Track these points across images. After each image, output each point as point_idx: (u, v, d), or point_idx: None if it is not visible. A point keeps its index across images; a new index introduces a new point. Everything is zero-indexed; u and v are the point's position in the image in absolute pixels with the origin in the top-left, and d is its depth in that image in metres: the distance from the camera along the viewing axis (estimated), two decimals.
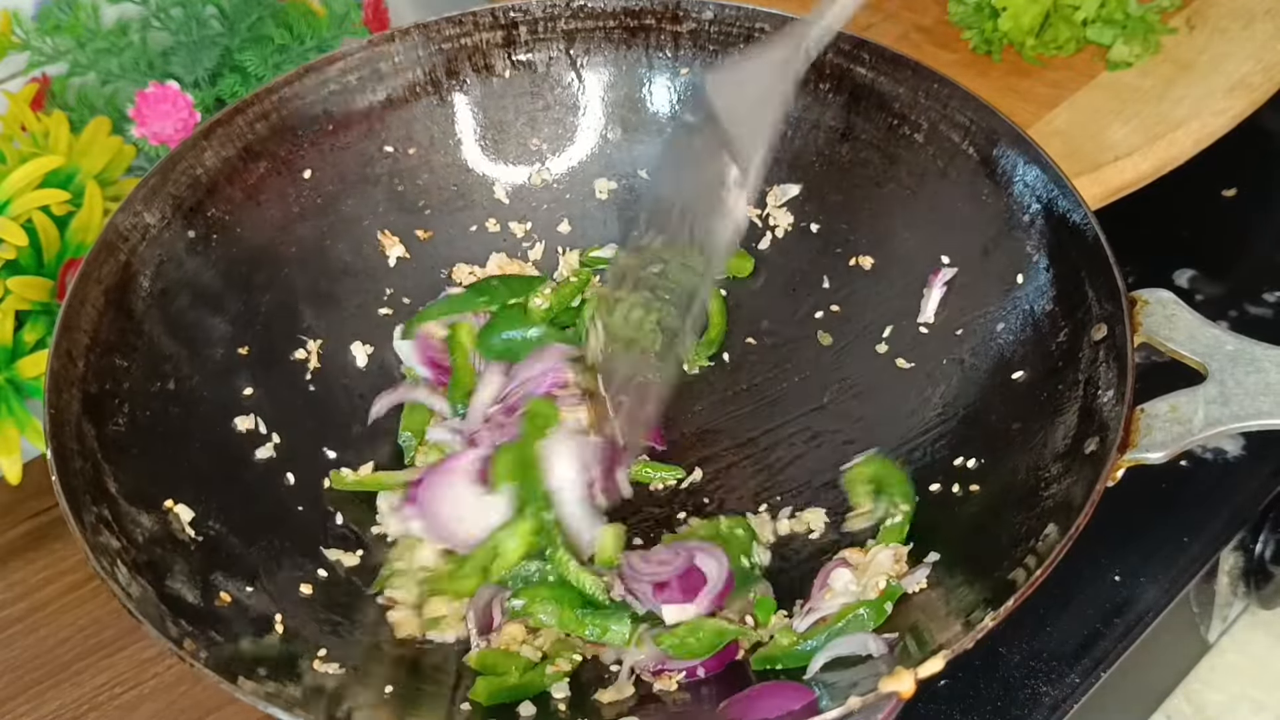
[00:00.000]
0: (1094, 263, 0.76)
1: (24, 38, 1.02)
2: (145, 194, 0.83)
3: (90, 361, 0.76)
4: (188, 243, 0.85)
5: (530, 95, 0.95)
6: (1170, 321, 0.73)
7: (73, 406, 0.74)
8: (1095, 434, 0.71)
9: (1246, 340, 0.71)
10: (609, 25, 0.94)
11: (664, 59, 0.94)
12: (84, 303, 0.78)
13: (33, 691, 0.86)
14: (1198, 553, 0.90)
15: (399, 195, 0.93)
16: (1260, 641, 0.99)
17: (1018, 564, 0.68)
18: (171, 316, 0.82)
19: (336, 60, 0.90)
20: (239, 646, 0.69)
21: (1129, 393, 0.70)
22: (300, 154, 0.90)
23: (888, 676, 0.63)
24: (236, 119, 0.88)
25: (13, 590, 0.92)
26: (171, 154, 0.85)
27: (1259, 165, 1.14)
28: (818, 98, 0.91)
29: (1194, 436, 0.69)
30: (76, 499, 0.70)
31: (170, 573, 0.71)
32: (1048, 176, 0.80)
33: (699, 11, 0.92)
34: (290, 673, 0.69)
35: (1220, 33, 1.06)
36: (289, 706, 0.64)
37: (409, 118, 0.93)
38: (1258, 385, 0.69)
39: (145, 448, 0.76)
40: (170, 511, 0.74)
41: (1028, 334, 0.80)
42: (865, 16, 1.14)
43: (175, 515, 0.74)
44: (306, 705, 0.65)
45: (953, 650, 0.63)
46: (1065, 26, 1.06)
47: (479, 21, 0.93)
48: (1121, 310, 0.73)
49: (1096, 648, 0.85)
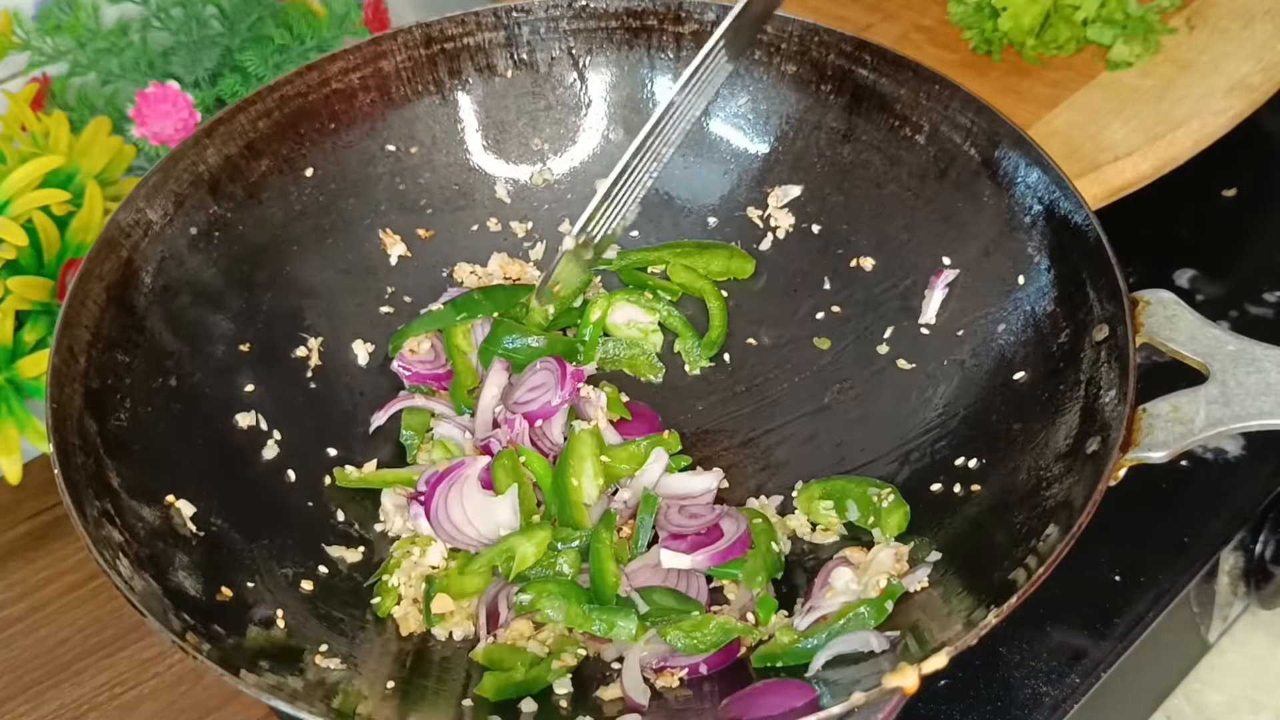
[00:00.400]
0: (1095, 264, 0.76)
1: (24, 38, 1.02)
2: (147, 191, 0.83)
3: (92, 357, 0.77)
4: (190, 240, 0.85)
5: (532, 95, 0.96)
6: (1171, 322, 0.73)
7: (75, 402, 0.74)
8: (1097, 434, 0.71)
9: (1248, 341, 0.71)
10: (611, 26, 0.94)
11: (666, 60, 0.94)
12: (86, 299, 0.78)
13: (33, 691, 0.86)
14: (1198, 553, 0.90)
15: (400, 194, 0.93)
16: (1260, 642, 0.99)
17: (1019, 564, 0.68)
18: (173, 313, 0.82)
19: (339, 59, 0.91)
20: (241, 641, 0.69)
21: (1131, 393, 0.70)
22: (302, 152, 0.90)
23: (891, 673, 0.63)
24: (239, 117, 0.88)
25: (13, 590, 0.92)
26: (174, 151, 0.85)
27: (1259, 165, 1.14)
28: (819, 99, 0.91)
29: (1195, 436, 0.69)
30: (79, 493, 0.70)
31: (172, 567, 0.71)
32: (1049, 178, 0.80)
33: (701, 13, 0.93)
34: (293, 666, 0.69)
35: (1220, 33, 1.06)
36: (291, 699, 0.64)
37: (411, 117, 0.93)
38: (1259, 385, 0.69)
39: (147, 443, 0.76)
40: (172, 506, 0.75)
41: (1029, 335, 0.80)
42: (865, 16, 1.14)
43: (177, 510, 0.75)
44: (309, 699, 0.65)
45: (956, 647, 0.63)
46: (1065, 26, 1.06)
47: (482, 21, 0.93)
48: (1123, 311, 0.73)
49: (1097, 648, 0.85)
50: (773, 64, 0.92)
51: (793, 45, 0.91)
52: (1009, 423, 0.78)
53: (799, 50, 0.91)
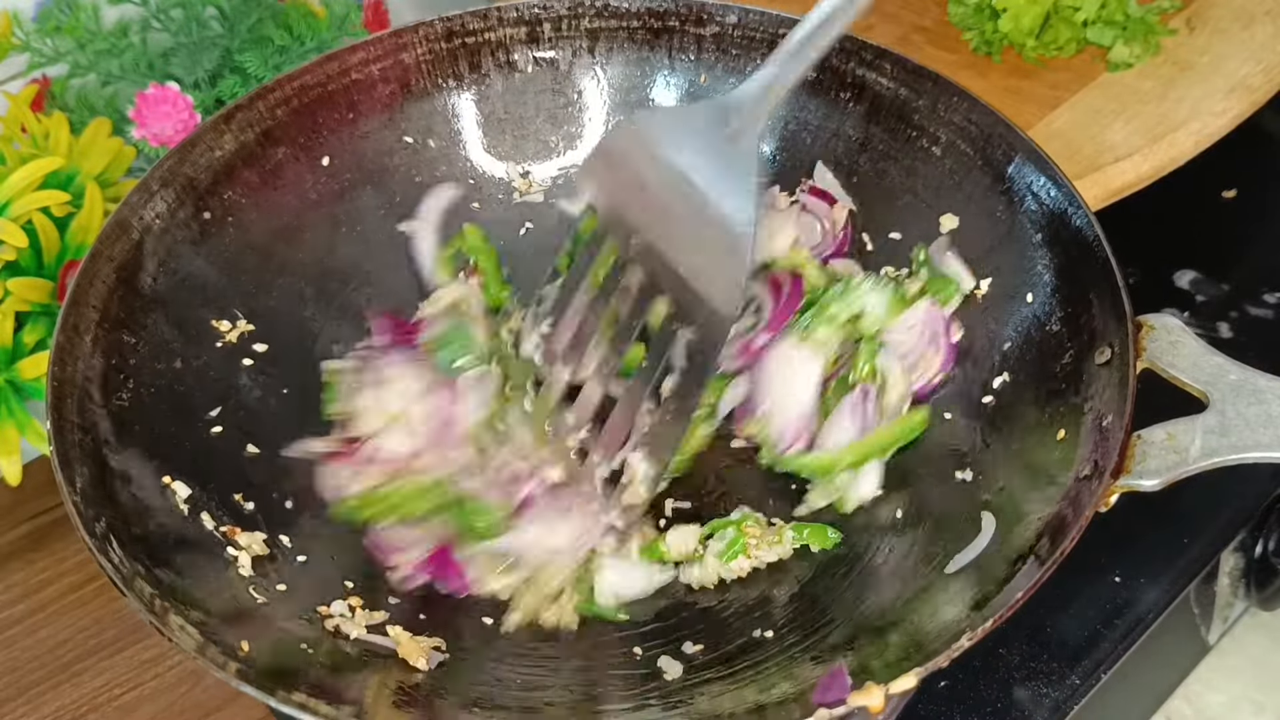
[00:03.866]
0: (1102, 285, 0.75)
1: (24, 39, 1.02)
2: (163, 175, 0.83)
3: (98, 337, 0.77)
4: (202, 224, 0.85)
5: (551, 92, 0.95)
6: (1174, 348, 0.72)
7: (76, 380, 0.74)
8: (1090, 458, 0.70)
9: (1251, 370, 0.70)
10: (632, 25, 0.94)
11: (686, 61, 0.94)
12: (94, 278, 0.78)
13: (33, 692, 0.86)
14: (1198, 554, 0.90)
15: (417, 186, 0.93)
16: (1260, 643, 0.99)
17: (1003, 584, 0.67)
18: (181, 297, 0.82)
19: (360, 49, 0.91)
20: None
21: (1128, 418, 0.69)
22: (320, 141, 0.90)
23: (857, 691, 0.63)
24: (258, 103, 0.88)
25: (13, 591, 0.92)
26: (191, 135, 0.85)
27: (1259, 167, 1.14)
28: (837, 106, 0.91)
29: (1189, 466, 0.68)
30: (72, 471, 0.70)
31: (163, 548, 0.71)
32: (1062, 195, 0.79)
33: (723, 15, 0.92)
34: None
35: (1220, 34, 1.06)
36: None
37: (430, 109, 0.93)
38: (1259, 417, 0.68)
39: (148, 424, 0.76)
40: (168, 488, 0.74)
41: (1032, 353, 0.79)
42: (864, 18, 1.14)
43: (172, 491, 0.74)
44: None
45: (926, 667, 0.63)
46: (1065, 27, 1.06)
47: (503, 17, 0.93)
48: (1127, 335, 0.72)
49: (1097, 649, 0.85)
50: None
51: None
52: (1007, 442, 0.77)
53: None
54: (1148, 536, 0.90)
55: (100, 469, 0.72)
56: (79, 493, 0.69)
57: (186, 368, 0.81)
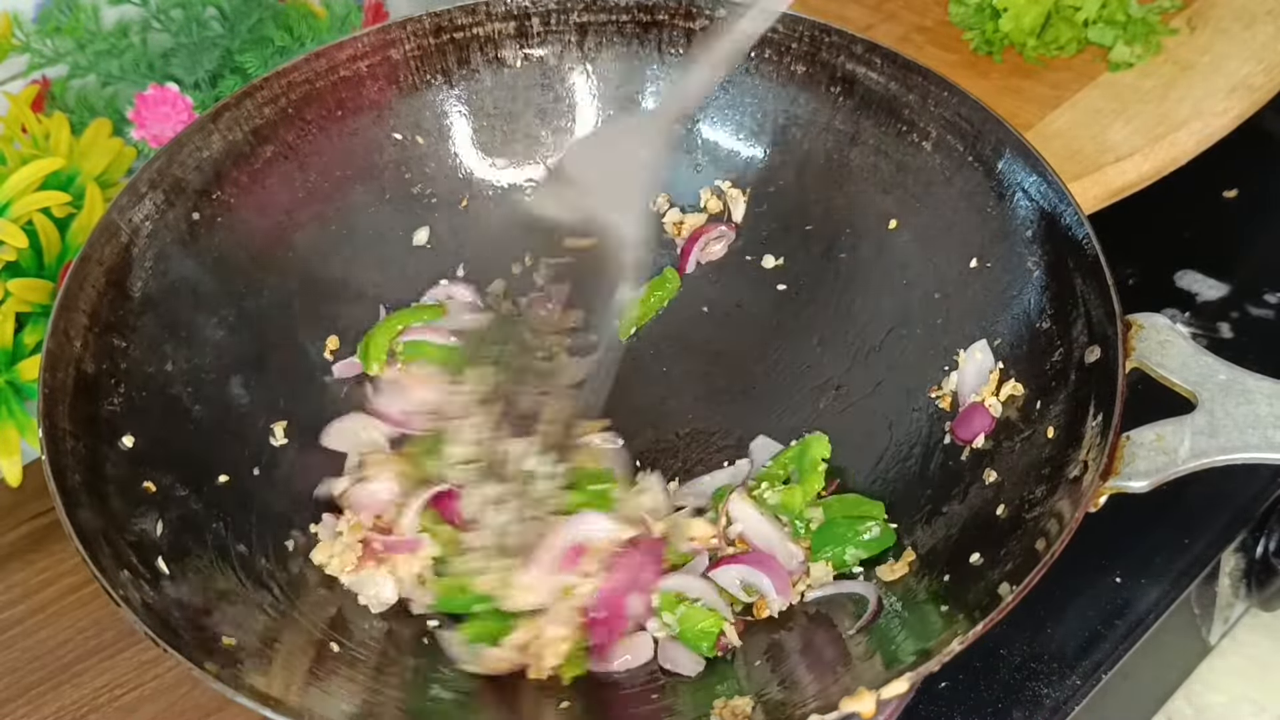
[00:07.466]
0: (1093, 284, 0.75)
1: (24, 40, 1.02)
2: (151, 176, 0.83)
3: (88, 341, 0.76)
4: (191, 225, 0.84)
5: (540, 88, 0.95)
6: (1164, 348, 0.72)
7: (67, 385, 0.74)
8: (1079, 458, 0.70)
9: (1239, 370, 0.70)
10: (621, 20, 0.93)
11: (676, 56, 0.94)
12: (84, 283, 0.78)
13: (33, 693, 0.86)
14: (1199, 554, 0.90)
15: (406, 183, 0.93)
16: (1261, 644, 0.98)
17: (994, 586, 0.67)
18: (172, 299, 0.82)
19: (347, 46, 0.90)
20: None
21: (1116, 419, 0.68)
22: (308, 139, 0.90)
23: (849, 697, 0.63)
24: (245, 103, 0.87)
25: (12, 592, 0.92)
26: (178, 137, 0.85)
27: (1260, 166, 1.14)
28: (828, 100, 0.91)
29: (1178, 468, 0.67)
30: (65, 478, 0.70)
31: (153, 553, 0.71)
32: (1052, 192, 0.79)
33: (712, 9, 0.92)
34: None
35: (1221, 33, 1.06)
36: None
37: (418, 106, 0.93)
38: (1247, 417, 0.68)
39: (140, 429, 0.76)
40: (161, 492, 0.74)
41: (1022, 350, 0.79)
42: (866, 17, 1.14)
43: (165, 496, 0.74)
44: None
45: (918, 672, 0.63)
46: (1066, 27, 1.06)
47: (492, 11, 0.93)
48: (1116, 334, 0.71)
49: (1097, 649, 0.85)
50: (782, 63, 0.91)
51: (803, 45, 0.90)
52: (996, 439, 0.78)
53: (809, 51, 0.90)
54: (1148, 537, 0.90)
55: (93, 475, 0.72)
56: (71, 499, 0.69)
57: (177, 371, 0.81)
